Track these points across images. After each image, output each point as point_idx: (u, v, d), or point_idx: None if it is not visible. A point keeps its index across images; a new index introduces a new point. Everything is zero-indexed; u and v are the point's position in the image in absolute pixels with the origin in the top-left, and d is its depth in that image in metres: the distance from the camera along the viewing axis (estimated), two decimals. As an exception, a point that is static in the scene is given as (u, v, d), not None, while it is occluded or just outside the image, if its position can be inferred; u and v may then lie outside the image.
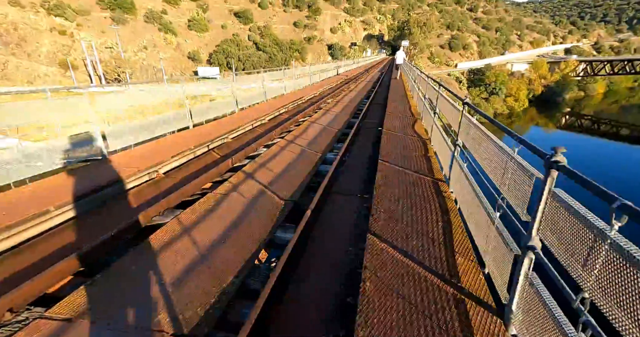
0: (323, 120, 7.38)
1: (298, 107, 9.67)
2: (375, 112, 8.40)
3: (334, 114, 8.18)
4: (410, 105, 8.59)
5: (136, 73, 48.67)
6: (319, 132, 6.36)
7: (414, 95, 9.63)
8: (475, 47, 73.39)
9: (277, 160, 4.68)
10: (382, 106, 8.84)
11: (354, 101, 10.48)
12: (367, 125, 7.18)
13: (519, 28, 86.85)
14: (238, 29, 60.25)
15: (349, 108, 9.15)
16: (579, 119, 54.24)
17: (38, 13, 45.11)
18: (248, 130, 6.71)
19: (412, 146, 4.88)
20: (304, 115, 8.23)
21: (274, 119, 7.98)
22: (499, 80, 56.05)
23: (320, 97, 12.12)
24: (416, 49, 63.89)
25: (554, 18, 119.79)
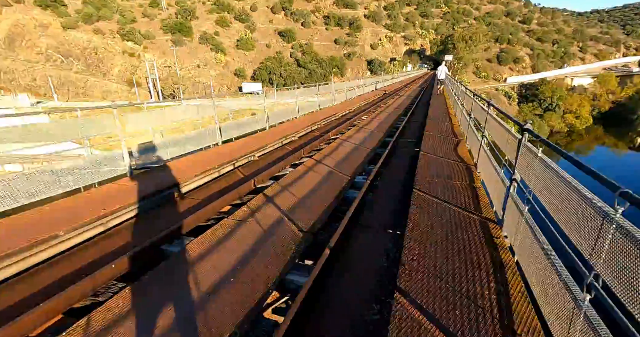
0: (355, 139, 6.99)
1: (331, 124, 9.43)
2: (412, 130, 7.83)
3: (368, 132, 7.75)
4: (452, 123, 7.84)
5: (189, 89, 53.27)
6: (350, 152, 5.95)
7: (456, 113, 8.84)
8: (527, 61, 68.36)
9: (301, 183, 4.36)
10: (421, 124, 8.22)
11: (390, 118, 9.98)
12: (403, 144, 6.64)
13: (582, 39, 79.37)
14: (281, 47, 63.41)
15: (385, 125, 8.66)
16: (660, 139, 47.09)
17: (114, 38, 52.04)
18: (277, 147, 6.55)
19: (455, 173, 4.24)
20: (336, 133, 7.93)
21: (305, 136, 7.78)
22: (556, 96, 51.08)
23: (355, 113, 11.80)
24: (460, 63, 61.34)
25: (624, 28, 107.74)
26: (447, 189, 3.67)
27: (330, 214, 3.55)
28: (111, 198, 3.64)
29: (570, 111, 51.08)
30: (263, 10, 67.49)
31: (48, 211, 3.35)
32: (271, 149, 6.22)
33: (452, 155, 5.06)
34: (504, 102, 54.70)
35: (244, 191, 4.16)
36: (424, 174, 4.13)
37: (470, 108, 5.91)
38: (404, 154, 5.96)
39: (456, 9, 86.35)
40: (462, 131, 6.94)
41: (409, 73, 58.71)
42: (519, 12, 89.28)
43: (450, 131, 6.95)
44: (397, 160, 5.62)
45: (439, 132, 6.80)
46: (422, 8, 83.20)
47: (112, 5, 54.49)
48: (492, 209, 3.15)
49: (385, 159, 5.29)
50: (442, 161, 4.72)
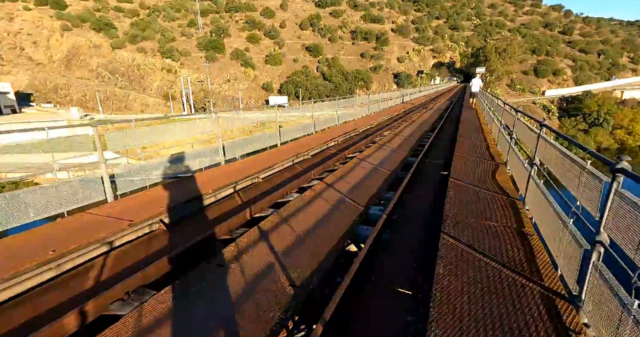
0: (374, 158, 6.24)
1: (349, 141, 8.76)
2: (440, 149, 6.94)
3: (389, 150, 6.97)
4: (487, 142, 6.84)
5: (219, 102, 55.61)
6: (366, 175, 5.21)
7: (492, 130, 7.81)
8: (569, 73, 63.88)
9: (304, 213, 3.70)
10: (450, 142, 7.32)
11: (415, 135, 9.10)
12: (429, 167, 5.80)
13: (633, 49, 73.14)
14: (308, 61, 64.70)
15: (408, 143, 7.83)
16: None
17: (155, 56, 56.07)
18: (286, 167, 5.97)
19: (494, 209, 3.37)
20: (353, 151, 7.24)
21: (319, 154, 7.16)
22: (604, 110, 46.75)
23: (378, 128, 11.07)
24: (493, 76, 58.57)
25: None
26: (487, 234, 2.83)
27: (335, 259, 2.85)
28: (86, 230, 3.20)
29: (620, 126, 46.41)
30: (291, 27, 69.77)
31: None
32: (280, 168, 5.65)
33: (489, 184, 4.16)
34: (542, 116, 50.94)
35: (235, 224, 3.57)
36: (454, 211, 3.29)
37: (512, 127, 4.95)
38: (429, 179, 5.13)
39: (488, 21, 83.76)
40: (499, 152, 5.96)
41: (437, 86, 57.05)
42: (559, 23, 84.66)
43: (485, 151, 6.00)
44: (420, 187, 4.80)
45: (472, 152, 5.88)
46: (452, 21, 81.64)
47: (155, 27, 59.03)
48: (557, 273, 2.27)
49: (407, 186, 4.50)
50: (477, 192, 3.84)
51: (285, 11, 72.83)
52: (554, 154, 2.89)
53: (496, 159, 5.42)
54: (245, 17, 66.84)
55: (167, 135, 5.17)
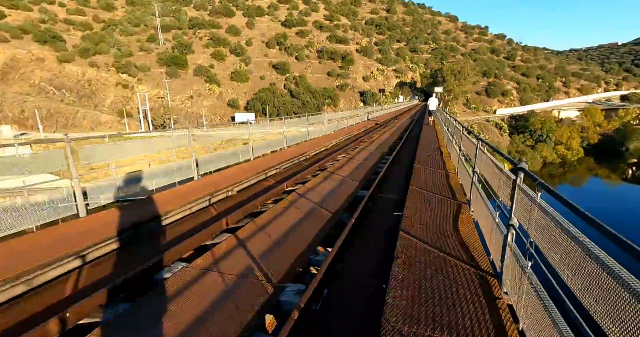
0: (316, 194, 5.50)
1: (295, 167, 8.00)
2: (396, 180, 6.41)
3: (338, 181, 6.31)
4: (447, 171, 6.44)
5: (180, 119, 53.02)
6: (298, 221, 4.36)
7: (451, 154, 7.60)
8: (515, 94, 70.46)
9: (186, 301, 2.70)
10: (407, 168, 6.87)
11: (371, 159, 8.62)
12: (381, 204, 5.19)
13: (564, 75, 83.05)
14: (275, 78, 64.80)
15: (362, 170, 7.27)
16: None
17: (109, 71, 52.67)
18: (201, 208, 5.03)
19: (461, 285, 2.55)
20: (294, 182, 6.45)
21: (248, 189, 6.21)
22: (546, 127, 51.60)
23: (332, 150, 10.49)
24: (450, 96, 62.79)
25: (603, 65, 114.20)
26: (450, 316, 2.12)
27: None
28: None
29: (560, 142, 51.35)
30: (258, 45, 70.01)
31: None
32: (179, 216, 4.65)
33: (451, 238, 3.45)
34: (496, 133, 55.02)
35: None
36: (404, 292, 2.44)
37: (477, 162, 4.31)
38: (378, 224, 4.46)
39: (443, 45, 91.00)
40: (459, 182, 5.53)
41: (400, 104, 59.69)
42: (503, 49, 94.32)
43: (445, 184, 5.51)
44: (366, 238, 4.08)
45: (431, 185, 5.38)
46: (412, 44, 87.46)
47: (110, 41, 55.93)
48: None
49: (348, 237, 3.79)
50: (436, 256, 3.06)
51: (251, 29, 73.20)
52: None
53: (457, 196, 4.88)
54: (209, 34, 65.96)
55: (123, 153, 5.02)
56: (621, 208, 28.85)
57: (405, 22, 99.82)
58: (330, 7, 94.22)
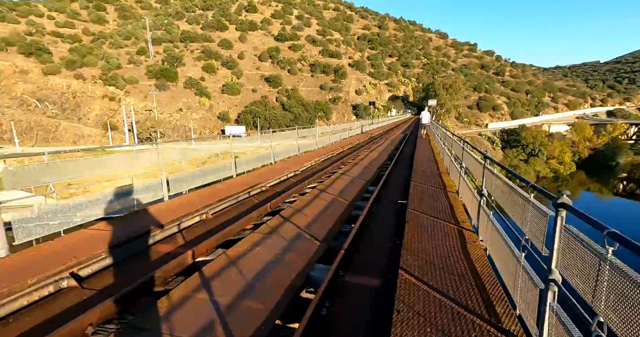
0: (292, 226, 4.21)
1: (269, 192, 6.68)
2: (386, 211, 5.16)
3: (315, 214, 5.01)
4: (449, 199, 5.19)
5: (169, 132, 51.65)
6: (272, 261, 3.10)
7: (451, 173, 6.47)
8: (506, 108, 71.34)
9: None
10: (402, 194, 5.66)
11: (358, 182, 7.35)
12: (368, 245, 3.89)
13: (552, 91, 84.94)
14: (267, 91, 64.42)
15: (347, 195, 5.99)
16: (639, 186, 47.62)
17: (95, 83, 51.48)
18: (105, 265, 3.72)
19: None
20: (267, 209, 5.17)
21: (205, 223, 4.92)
22: (538, 142, 51.72)
23: (317, 170, 9.20)
24: (443, 109, 63.08)
25: (587, 82, 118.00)
26: None
27: None
28: None
29: (553, 157, 51.37)
30: (250, 58, 70.03)
31: None
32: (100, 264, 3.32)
33: (463, 284, 2.24)
34: (489, 147, 54.88)
35: None
36: None
37: (487, 183, 3.17)
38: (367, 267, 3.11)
39: (434, 60, 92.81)
40: (460, 202, 4.34)
41: (393, 118, 59.61)
42: (493, 65, 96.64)
43: (449, 213, 4.21)
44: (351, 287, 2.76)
45: (431, 216, 4.11)
46: (403, 59, 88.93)
47: (98, 53, 55.07)
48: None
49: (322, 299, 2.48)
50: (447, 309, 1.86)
51: (243, 43, 73.44)
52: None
53: (461, 225, 3.58)
54: (201, 47, 65.77)
55: (97, 169, 4.52)
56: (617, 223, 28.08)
57: (397, 38, 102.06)
58: (323, 22, 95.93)
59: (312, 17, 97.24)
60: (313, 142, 12.88)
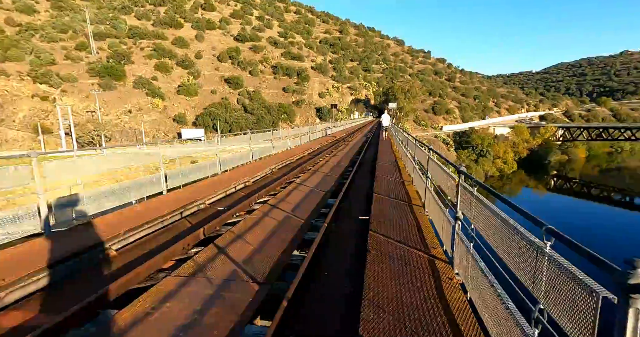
0: (227, 262, 3.49)
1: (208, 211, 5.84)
2: (346, 231, 4.69)
3: (261, 240, 4.33)
4: (415, 215, 4.86)
5: (116, 136, 46.86)
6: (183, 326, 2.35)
7: (415, 181, 6.23)
8: (457, 112, 76.74)
9: None
10: (364, 207, 5.23)
11: (316, 194, 6.80)
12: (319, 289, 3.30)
13: (495, 96, 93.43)
14: (228, 93, 61.83)
15: (302, 211, 5.44)
16: (566, 182, 54.31)
17: (22, 81, 44.94)
18: None
19: None
20: (199, 236, 4.37)
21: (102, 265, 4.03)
22: (486, 143, 56.27)
23: (272, 179, 8.51)
24: (402, 113, 65.86)
25: (523, 89, 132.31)
26: None
27: None
28: None
29: (498, 157, 56.17)
30: (209, 58, 66.80)
31: None
32: None
33: None
34: (443, 149, 58.35)
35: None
36: None
37: (456, 197, 2.88)
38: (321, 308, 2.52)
39: (393, 66, 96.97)
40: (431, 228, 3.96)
41: (356, 120, 60.76)
42: (445, 72, 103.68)
43: (416, 234, 3.82)
44: None
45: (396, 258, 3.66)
46: (364, 64, 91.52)
47: (26, 46, 48.35)
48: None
49: None
50: None
51: (201, 42, 69.85)
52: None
53: (431, 251, 3.16)
54: (152, 44, 61.10)
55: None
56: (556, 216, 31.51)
57: (357, 43, 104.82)
58: (284, 24, 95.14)
59: (273, 18, 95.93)
60: (270, 146, 12.19)
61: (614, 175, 58.11)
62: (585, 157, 69.30)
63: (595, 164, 66.48)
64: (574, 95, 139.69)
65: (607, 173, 60.19)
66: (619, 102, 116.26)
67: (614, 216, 33.93)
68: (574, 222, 29.25)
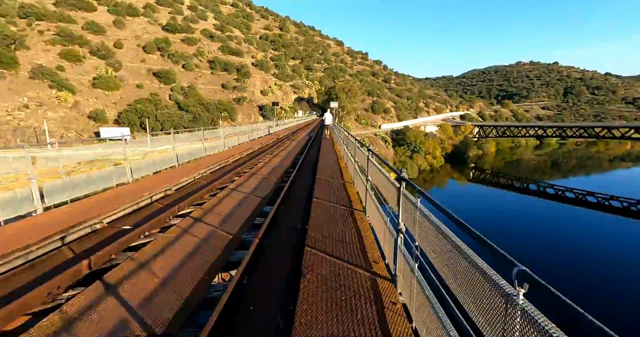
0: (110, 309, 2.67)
1: (106, 232, 4.76)
2: (280, 247, 4.10)
3: (169, 272, 3.55)
4: (356, 223, 4.53)
5: (7, 136, 38.17)
6: None
7: (356, 182, 5.98)
8: (393, 111, 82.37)
9: None
10: (303, 214, 4.76)
11: (251, 201, 6.15)
12: None
13: (424, 97, 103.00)
14: (158, 88, 55.65)
15: (232, 224, 4.75)
16: (482, 173, 62.84)
17: None
18: None
19: None
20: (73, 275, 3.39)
21: None
22: (418, 140, 61.65)
23: (200, 186, 7.50)
24: (344, 112, 67.88)
25: (447, 91, 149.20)
26: None
27: None
28: None
29: (429, 153, 62.06)
30: (132, 48, 59.15)
31: None
32: None
33: None
34: (383, 146, 62.01)
35: None
36: None
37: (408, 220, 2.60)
38: None
39: (334, 66, 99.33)
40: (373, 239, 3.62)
41: (300, 119, 60.59)
42: (381, 73, 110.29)
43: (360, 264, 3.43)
44: None
45: (334, 281, 3.27)
46: (306, 62, 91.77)
47: None
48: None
49: None
50: None
51: (121, 30, 61.42)
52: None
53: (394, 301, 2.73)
54: (56, 28, 51.51)
55: None
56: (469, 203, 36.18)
57: (298, 41, 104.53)
58: (220, 17, 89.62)
59: (207, 10, 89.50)
60: (205, 147, 10.94)
61: (514, 166, 70.12)
62: (495, 151, 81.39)
63: (502, 157, 78.71)
64: (485, 97, 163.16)
65: (510, 164, 71.92)
66: (517, 104, 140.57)
67: (518, 200, 40.72)
68: (488, 206, 34.61)
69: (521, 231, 25.50)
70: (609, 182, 49.72)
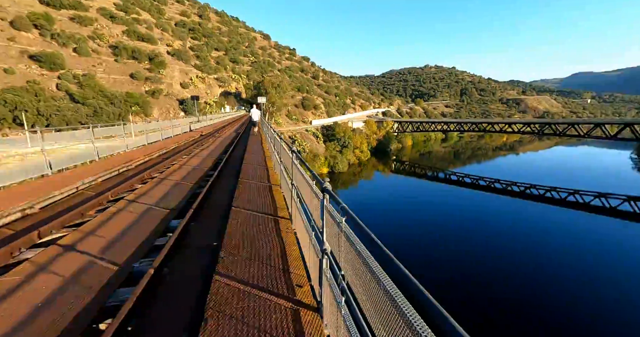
0: None
1: None
2: (185, 278, 3.28)
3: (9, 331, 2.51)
4: (280, 235, 4.00)
5: None
6: None
7: (282, 186, 5.44)
8: (323, 108, 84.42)
9: None
10: (219, 226, 3.99)
11: (155, 214, 5.08)
12: None
13: (351, 95, 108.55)
14: (38, 75, 44.76)
15: (123, 248, 3.71)
16: (402, 164, 70.07)
17: None
18: None
19: None
20: None
21: None
22: (347, 135, 64.72)
23: (85, 198, 5.94)
24: (274, 107, 66.35)
25: (370, 89, 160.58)
26: None
27: None
28: None
29: (357, 147, 65.81)
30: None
31: None
32: None
33: None
34: (314, 141, 63.02)
35: None
36: None
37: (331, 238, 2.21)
38: None
39: (262, 60, 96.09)
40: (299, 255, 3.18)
41: (227, 114, 56.82)
42: (309, 70, 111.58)
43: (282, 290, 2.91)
44: None
45: (242, 324, 2.65)
46: (231, 55, 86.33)
47: None
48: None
49: None
50: None
51: (-25, -5, 47.25)
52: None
53: None
54: None
55: None
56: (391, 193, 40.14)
57: (221, 32, 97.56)
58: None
59: (106, -17, 75.62)
60: (103, 147, 8.81)
61: (427, 157, 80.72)
62: (411, 144, 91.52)
63: (417, 150, 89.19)
64: (402, 96, 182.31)
65: (423, 156, 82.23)
66: (427, 102, 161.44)
67: (431, 187, 46.86)
68: (406, 194, 39.62)
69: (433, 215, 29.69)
70: (492, 168, 61.65)
